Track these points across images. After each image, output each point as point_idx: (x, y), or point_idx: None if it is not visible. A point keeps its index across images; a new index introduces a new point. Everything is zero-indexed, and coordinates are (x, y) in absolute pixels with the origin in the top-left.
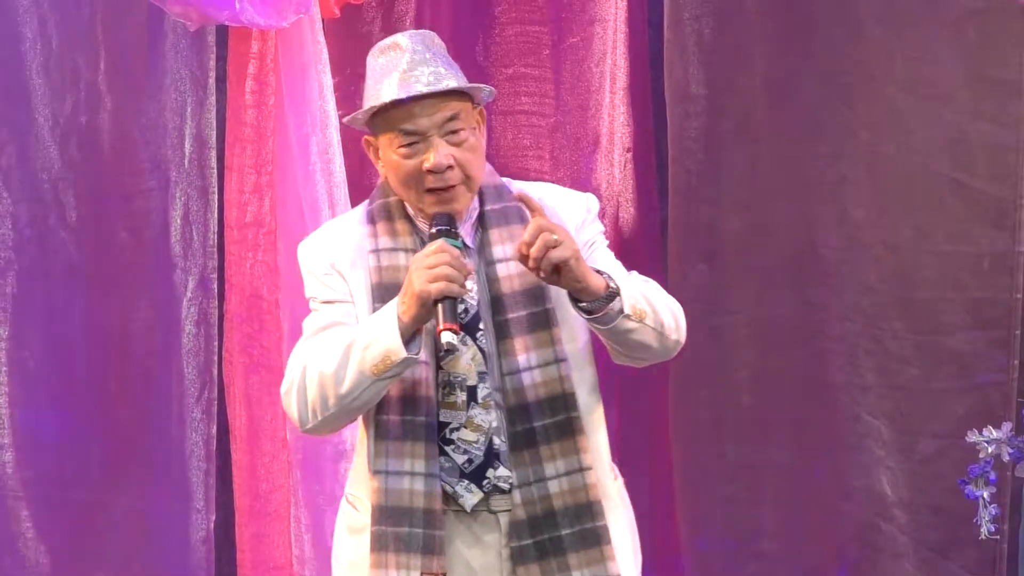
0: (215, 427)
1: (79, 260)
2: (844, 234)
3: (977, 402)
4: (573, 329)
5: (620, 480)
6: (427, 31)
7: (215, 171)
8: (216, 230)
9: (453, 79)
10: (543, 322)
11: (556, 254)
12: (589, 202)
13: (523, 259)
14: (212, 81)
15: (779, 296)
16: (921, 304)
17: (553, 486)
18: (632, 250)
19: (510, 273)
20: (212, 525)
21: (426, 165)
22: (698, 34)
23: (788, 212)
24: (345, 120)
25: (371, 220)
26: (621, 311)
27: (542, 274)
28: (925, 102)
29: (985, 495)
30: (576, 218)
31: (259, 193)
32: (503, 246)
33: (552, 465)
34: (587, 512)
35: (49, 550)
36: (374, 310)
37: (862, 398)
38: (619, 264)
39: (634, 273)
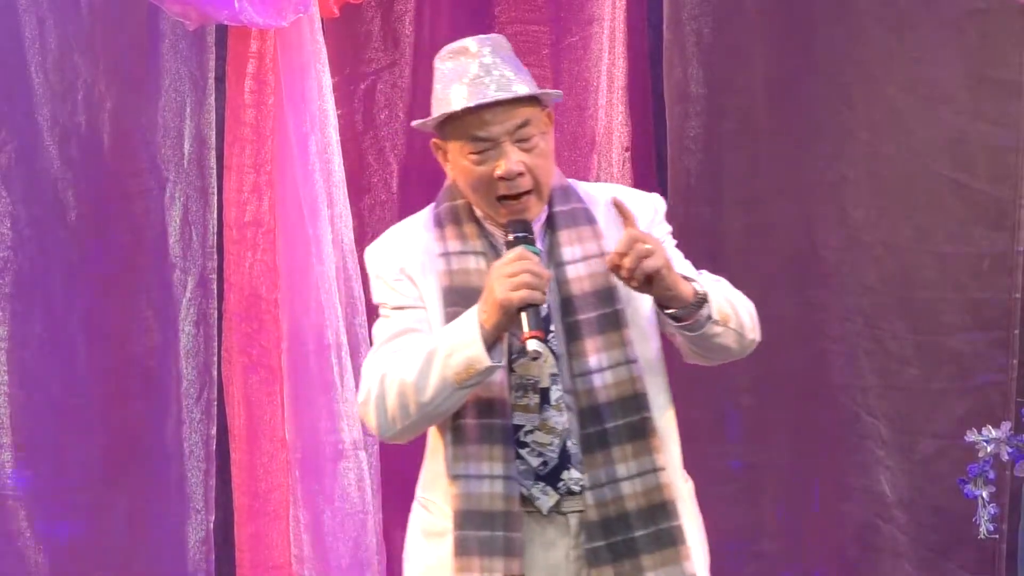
0: (215, 427)
1: (78, 260)
2: (844, 234)
3: (977, 402)
4: (644, 330)
5: (691, 483)
6: (496, 35)
7: (214, 170)
8: (215, 230)
9: (523, 84)
10: (613, 323)
11: (649, 264)
12: (656, 202)
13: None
14: (211, 81)
15: (779, 296)
16: (921, 304)
17: (626, 487)
18: None
19: (579, 275)
20: (211, 525)
21: (497, 172)
22: (697, 34)
23: (788, 212)
24: (414, 124)
25: (439, 223)
26: (710, 317)
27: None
28: (925, 102)
29: (984, 494)
30: (644, 218)
31: (258, 193)
32: (572, 248)
33: (624, 466)
34: (661, 512)
35: (48, 550)
36: (446, 314)
37: (862, 398)
38: (689, 264)
39: (704, 272)
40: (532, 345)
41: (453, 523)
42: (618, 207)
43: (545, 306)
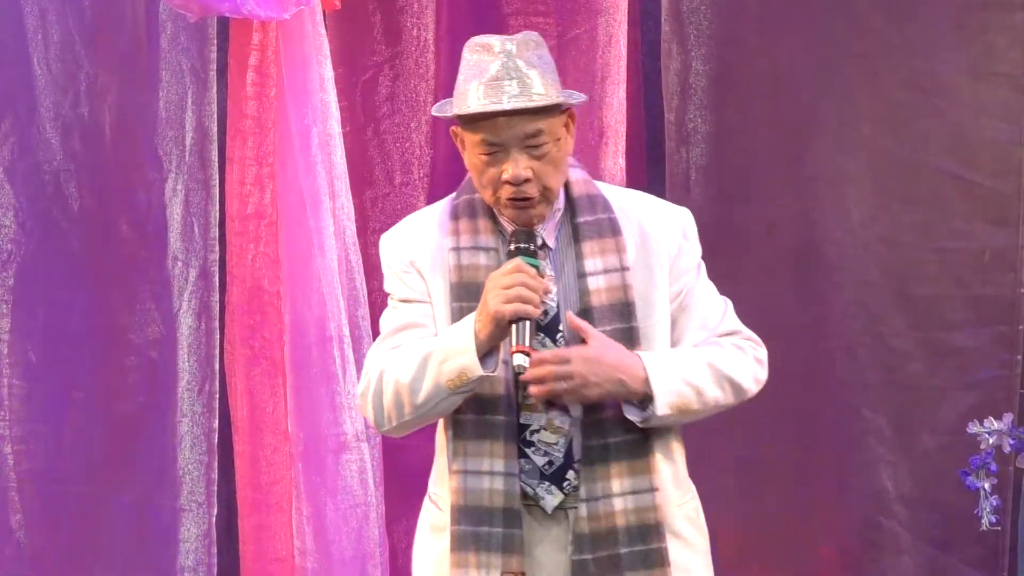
0: (216, 420)
1: (81, 252)
2: (845, 229)
3: (979, 399)
4: (656, 350)
5: (696, 502)
6: (526, 34)
7: (216, 163)
8: (217, 222)
9: (545, 88)
10: (627, 339)
11: (558, 387)
12: (686, 224)
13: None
14: (213, 73)
15: (780, 291)
16: (923, 300)
17: (618, 503)
18: None
19: (599, 287)
20: (214, 518)
21: (504, 176)
22: (697, 26)
23: (788, 207)
24: (434, 111)
25: (454, 216)
26: (656, 416)
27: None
28: (926, 96)
29: (986, 486)
30: (671, 246)
31: (260, 185)
32: (594, 259)
33: (619, 482)
34: (650, 533)
35: (50, 544)
36: (452, 310)
37: (863, 394)
38: (717, 303)
39: (727, 313)
40: (517, 360)
41: (451, 518)
42: (575, 327)
43: (555, 307)
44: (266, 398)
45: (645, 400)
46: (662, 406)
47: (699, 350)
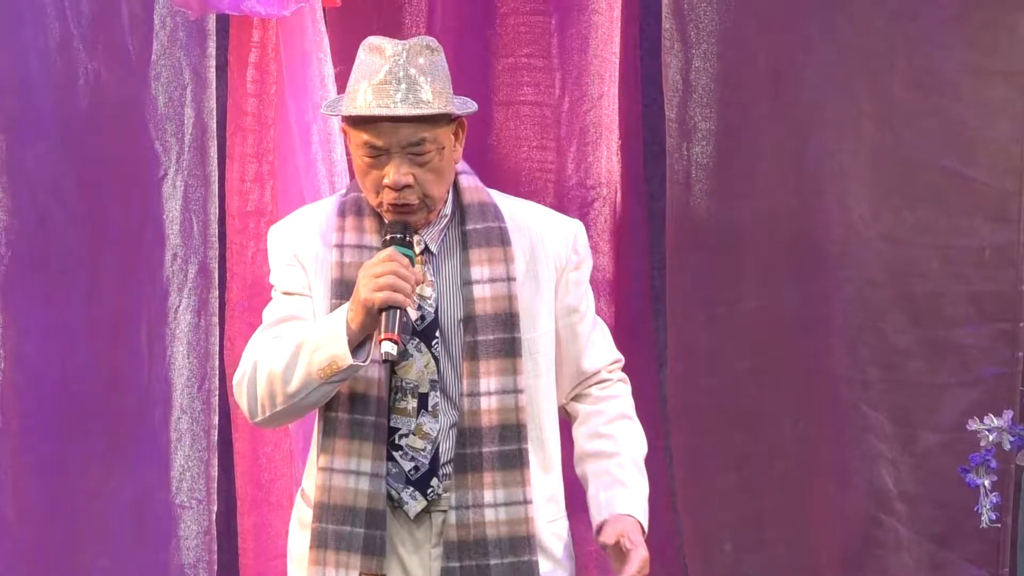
0: (217, 417)
1: (79, 248)
2: (845, 227)
3: (980, 396)
4: (539, 364)
5: (567, 523)
6: (421, 39)
7: (216, 160)
8: (217, 219)
9: (431, 96)
10: (509, 350)
11: None
12: (578, 238)
13: None
14: (213, 70)
15: (780, 288)
16: (924, 297)
17: (490, 514)
18: (621, 239)
19: (484, 296)
20: (214, 516)
21: (385, 181)
22: (697, 23)
23: (789, 203)
24: (322, 110)
25: (341, 213)
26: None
27: None
28: (928, 94)
29: (986, 483)
30: (561, 258)
31: (260, 182)
32: (481, 268)
33: (492, 493)
34: (522, 545)
35: (47, 540)
36: (332, 306)
37: (863, 391)
38: (603, 331)
39: (607, 337)
40: (385, 347)
41: (313, 515)
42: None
43: (432, 311)
44: None
45: None
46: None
47: (630, 455)
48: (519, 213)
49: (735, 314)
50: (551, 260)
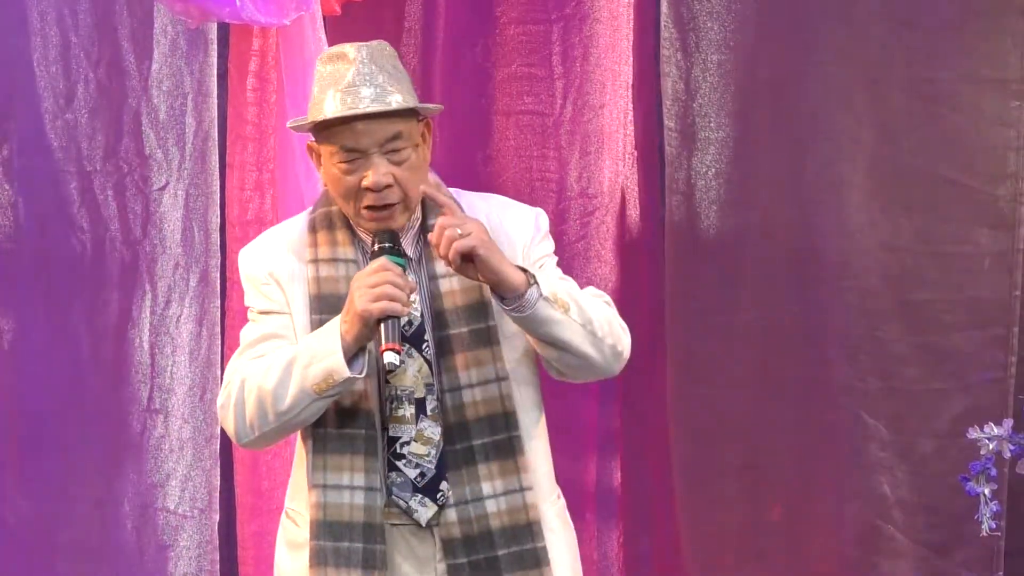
0: (218, 426)
1: (80, 255)
2: (844, 235)
3: (976, 402)
4: (516, 347)
5: (563, 501)
6: (379, 43)
7: (216, 168)
8: (218, 227)
9: (399, 95)
10: (485, 339)
11: (462, 244)
12: (539, 219)
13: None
14: (213, 78)
15: (779, 296)
16: (921, 305)
17: (491, 505)
18: (635, 250)
19: (452, 288)
20: (216, 525)
21: (365, 183)
22: (697, 32)
23: (788, 212)
24: (288, 125)
25: (312, 229)
26: (540, 296)
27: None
28: (925, 102)
29: (986, 491)
30: (524, 235)
31: (260, 190)
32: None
33: (490, 484)
34: (526, 533)
35: (47, 547)
36: (311, 321)
37: (862, 399)
38: (571, 281)
39: (590, 288)
40: (388, 358)
41: (310, 533)
42: (430, 197)
43: (418, 316)
44: None
45: (528, 285)
46: (548, 292)
47: (588, 292)
48: (478, 202)
49: (734, 323)
50: (515, 239)
